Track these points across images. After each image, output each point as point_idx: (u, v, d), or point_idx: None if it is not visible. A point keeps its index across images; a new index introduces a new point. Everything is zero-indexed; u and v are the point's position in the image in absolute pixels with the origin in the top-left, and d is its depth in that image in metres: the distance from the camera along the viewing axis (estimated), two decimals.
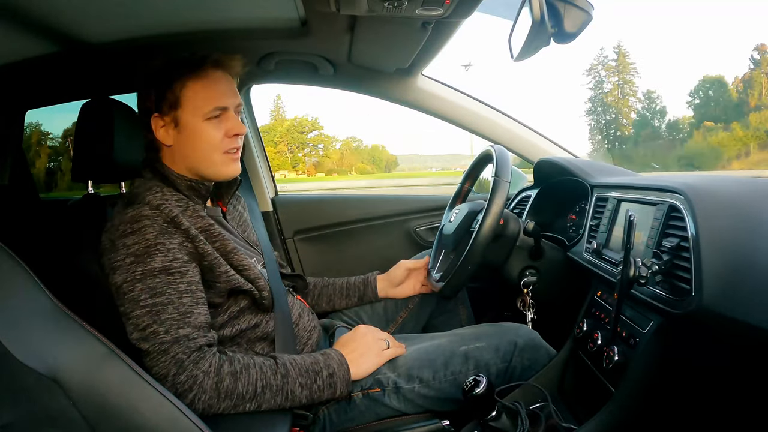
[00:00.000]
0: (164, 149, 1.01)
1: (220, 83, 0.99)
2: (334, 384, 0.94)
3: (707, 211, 0.75)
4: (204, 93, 0.97)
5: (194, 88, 0.97)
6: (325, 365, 0.94)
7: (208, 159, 0.99)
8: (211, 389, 0.84)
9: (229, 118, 0.99)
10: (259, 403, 0.88)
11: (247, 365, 0.89)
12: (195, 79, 0.97)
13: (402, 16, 1.00)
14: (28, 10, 1.01)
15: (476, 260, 1.08)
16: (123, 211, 0.92)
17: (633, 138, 16.67)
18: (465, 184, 1.43)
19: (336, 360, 0.96)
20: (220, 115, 0.98)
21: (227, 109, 0.99)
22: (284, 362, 0.92)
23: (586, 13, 0.87)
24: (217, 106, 0.97)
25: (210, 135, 0.97)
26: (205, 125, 0.97)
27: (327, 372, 0.93)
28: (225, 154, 0.99)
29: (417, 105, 1.65)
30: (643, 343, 0.83)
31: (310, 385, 0.91)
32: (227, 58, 1.01)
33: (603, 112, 8.23)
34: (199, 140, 0.98)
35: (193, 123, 0.97)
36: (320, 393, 0.93)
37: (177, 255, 0.89)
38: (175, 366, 0.83)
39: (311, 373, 0.92)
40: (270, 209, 1.83)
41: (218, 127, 0.98)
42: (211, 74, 0.98)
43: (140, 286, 0.86)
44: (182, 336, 0.85)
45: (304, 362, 0.93)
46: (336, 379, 0.94)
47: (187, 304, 0.88)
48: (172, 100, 0.97)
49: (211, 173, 1.00)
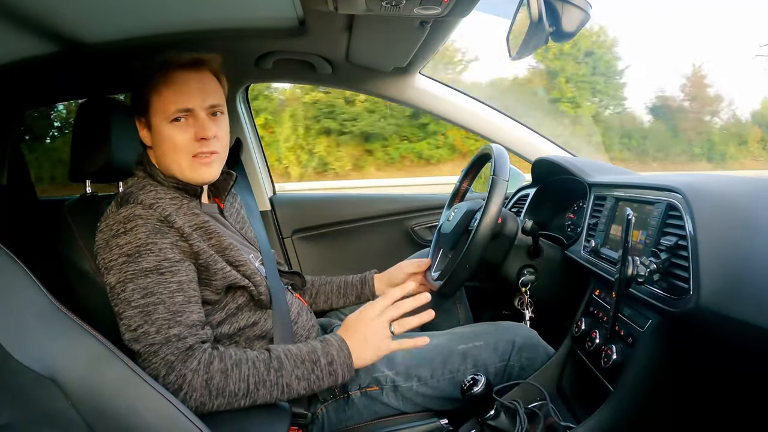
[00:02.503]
0: (150, 150, 1.01)
1: (189, 84, 0.96)
2: (335, 371, 0.90)
3: (705, 210, 0.75)
4: (168, 95, 0.94)
5: (159, 90, 0.95)
6: (324, 353, 0.91)
7: (176, 163, 0.96)
8: (201, 387, 0.82)
9: (197, 120, 0.96)
10: (254, 399, 0.86)
11: (239, 361, 0.86)
12: (160, 81, 0.95)
13: (400, 15, 0.99)
14: (26, 10, 1.01)
15: (474, 259, 1.08)
16: (117, 211, 0.91)
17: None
18: (463, 182, 1.43)
19: (336, 346, 0.92)
20: (187, 117, 0.95)
21: (192, 110, 0.95)
22: (278, 355, 0.89)
23: (583, 12, 0.87)
24: (179, 108, 0.94)
25: (173, 138, 0.95)
26: (168, 128, 0.95)
27: (326, 360, 0.90)
28: (194, 158, 0.96)
29: (415, 103, 1.65)
30: (642, 342, 0.83)
31: (307, 375, 0.88)
32: (194, 58, 0.97)
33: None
34: (164, 143, 0.96)
35: (159, 126, 0.96)
36: (320, 382, 0.90)
37: (168, 255, 0.88)
38: (165, 367, 0.82)
39: (308, 363, 0.89)
40: (268, 208, 1.83)
41: (184, 130, 0.95)
42: (176, 76, 0.95)
43: (131, 286, 0.86)
44: (173, 335, 0.84)
45: (300, 352, 0.90)
46: (336, 366, 0.90)
47: (178, 303, 0.87)
48: (143, 103, 0.96)
49: (182, 177, 0.98)
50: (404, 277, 1.31)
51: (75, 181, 1.10)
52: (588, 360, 0.97)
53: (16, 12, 1.01)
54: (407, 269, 1.31)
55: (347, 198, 1.90)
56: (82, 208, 1.07)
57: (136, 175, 1.00)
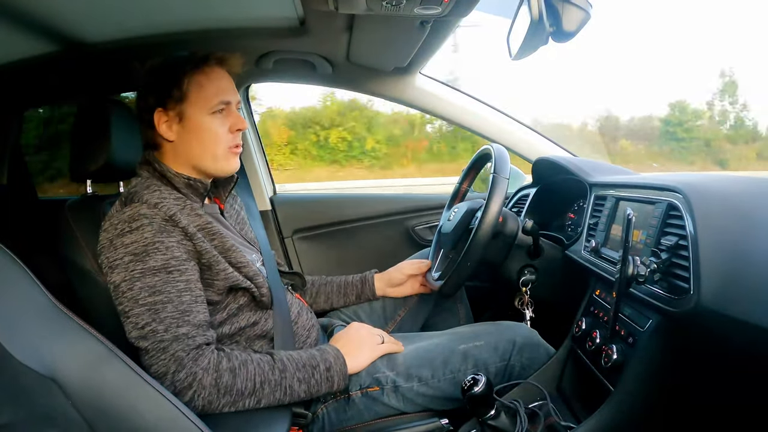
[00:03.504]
0: (165, 146, 1.01)
1: (222, 79, 1.01)
2: (332, 378, 0.95)
3: (706, 210, 0.75)
4: (209, 87, 0.99)
5: (200, 82, 0.98)
6: (322, 359, 0.95)
7: (212, 153, 1.00)
8: (210, 386, 0.84)
9: (232, 113, 1.01)
10: (258, 398, 0.88)
11: (245, 361, 0.89)
12: (199, 74, 0.99)
13: (400, 15, 0.99)
14: (25, 9, 1.01)
15: (475, 259, 1.08)
16: (121, 210, 0.92)
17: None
18: (463, 182, 1.43)
19: (332, 354, 0.97)
20: (224, 110, 1.00)
21: (230, 104, 1.01)
22: (281, 358, 0.93)
23: (584, 11, 0.87)
24: (222, 100, 0.99)
25: (215, 129, 0.99)
26: (209, 119, 0.99)
27: (324, 366, 0.94)
28: (228, 149, 1.01)
29: (415, 103, 1.65)
30: (642, 342, 0.83)
31: (308, 379, 0.92)
32: (228, 56, 1.03)
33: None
34: (204, 134, 0.99)
35: (198, 117, 0.98)
36: (318, 387, 0.93)
37: (176, 253, 0.89)
38: (175, 364, 0.83)
39: (308, 368, 0.93)
40: (269, 208, 1.83)
41: (222, 121, 1.00)
42: (214, 70, 1.00)
43: (139, 284, 0.86)
44: (181, 334, 0.85)
45: (300, 357, 0.94)
46: (333, 372, 0.95)
47: (186, 303, 0.88)
48: (178, 94, 0.98)
49: (213, 168, 1.01)
50: (404, 278, 1.31)
51: (75, 181, 1.10)
52: (588, 360, 0.97)
53: (15, 11, 1.01)
54: (407, 271, 1.31)
55: (348, 198, 1.90)
56: (83, 208, 1.07)
57: (140, 174, 1.01)
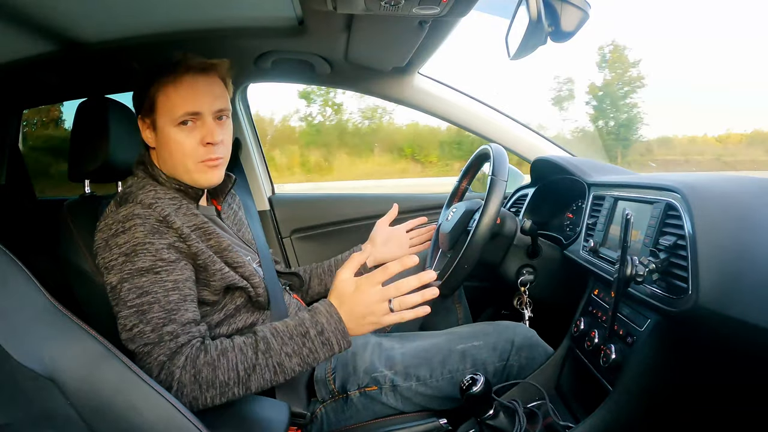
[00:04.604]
0: (152, 150, 1.01)
1: (196, 87, 0.94)
2: (328, 340, 0.85)
3: (704, 210, 0.76)
4: (176, 98, 0.93)
5: (167, 92, 0.93)
6: (312, 323, 0.86)
7: (182, 166, 0.96)
8: (190, 382, 0.81)
9: (204, 124, 0.95)
10: (247, 386, 0.84)
11: (225, 350, 0.84)
12: (169, 83, 0.93)
13: (399, 15, 0.99)
14: (24, 9, 1.01)
15: (473, 259, 1.08)
16: (116, 210, 0.91)
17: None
18: (462, 182, 1.43)
19: (324, 313, 0.86)
20: (194, 121, 0.94)
21: (199, 114, 0.94)
22: (264, 335, 0.86)
23: (583, 11, 0.87)
24: (187, 111, 0.93)
25: (181, 142, 0.94)
26: (175, 131, 0.94)
27: (315, 330, 0.85)
28: (199, 163, 0.96)
29: (414, 103, 1.65)
30: (641, 342, 0.84)
31: (299, 350, 0.85)
32: (204, 62, 0.96)
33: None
34: (171, 146, 0.95)
35: (165, 128, 0.95)
36: (314, 355, 0.86)
37: (164, 255, 0.88)
38: (157, 367, 0.82)
39: (297, 338, 0.85)
40: (267, 208, 1.83)
41: (190, 134, 0.95)
42: (185, 79, 0.94)
43: (128, 285, 0.86)
44: (166, 333, 0.84)
45: (287, 328, 0.86)
46: (328, 334, 0.85)
47: (173, 302, 0.86)
48: (149, 103, 0.95)
49: (188, 180, 0.98)
50: (385, 232, 1.33)
51: (74, 181, 1.10)
52: (587, 359, 0.97)
53: (15, 11, 1.01)
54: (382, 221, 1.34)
55: (346, 198, 1.90)
56: (82, 208, 1.07)
57: (135, 174, 1.00)
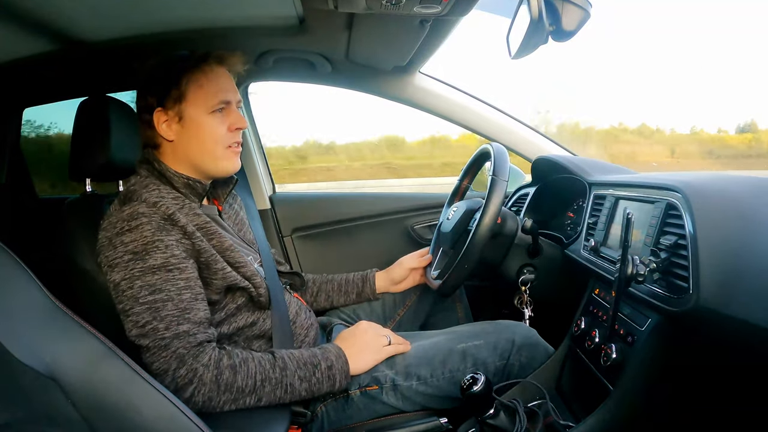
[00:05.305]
0: (164, 145, 1.01)
1: (222, 78, 1.01)
2: (333, 376, 0.95)
3: (705, 210, 0.75)
4: (208, 87, 0.98)
5: (199, 82, 0.98)
6: (324, 358, 0.95)
7: (211, 153, 1.00)
8: (210, 382, 0.84)
9: (232, 112, 1.01)
10: (259, 396, 0.88)
11: (246, 359, 0.89)
12: (199, 73, 0.98)
13: (400, 14, 0.99)
14: (25, 7, 1.01)
15: (474, 258, 1.08)
16: (120, 209, 0.91)
17: None
18: (463, 181, 1.43)
19: (334, 353, 0.97)
20: (224, 109, 1.00)
21: (230, 103, 1.00)
22: (282, 356, 0.93)
23: (584, 10, 0.87)
24: (222, 99, 0.99)
25: (214, 128, 0.99)
26: (209, 119, 0.98)
27: (325, 364, 0.94)
28: (228, 148, 1.01)
29: (415, 102, 1.65)
30: (641, 341, 0.84)
31: (309, 377, 0.92)
32: (229, 55, 1.03)
33: None
34: (203, 133, 0.99)
35: (197, 116, 0.98)
36: (319, 385, 0.94)
37: (175, 251, 0.89)
38: (176, 360, 0.84)
39: (309, 366, 0.93)
40: (268, 207, 1.83)
41: (222, 121, 0.99)
42: (214, 69, 1.00)
43: (139, 283, 0.86)
44: (182, 332, 0.86)
45: (301, 356, 0.94)
46: (335, 371, 0.95)
47: (186, 300, 0.88)
48: (177, 94, 0.97)
49: (212, 168, 1.01)
50: (406, 274, 1.31)
51: (75, 180, 1.10)
52: (587, 359, 0.97)
53: (16, 9, 1.01)
54: (408, 264, 1.32)
55: (347, 197, 1.90)
56: (83, 207, 1.07)
57: (138, 173, 1.00)
